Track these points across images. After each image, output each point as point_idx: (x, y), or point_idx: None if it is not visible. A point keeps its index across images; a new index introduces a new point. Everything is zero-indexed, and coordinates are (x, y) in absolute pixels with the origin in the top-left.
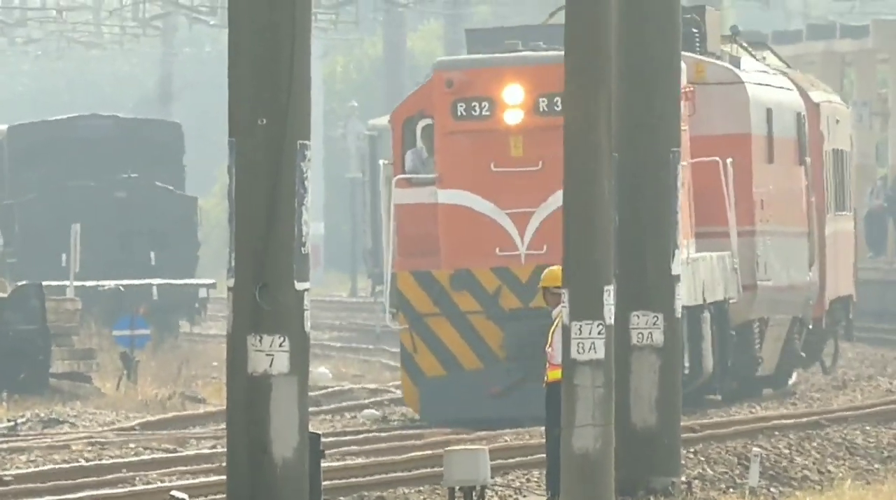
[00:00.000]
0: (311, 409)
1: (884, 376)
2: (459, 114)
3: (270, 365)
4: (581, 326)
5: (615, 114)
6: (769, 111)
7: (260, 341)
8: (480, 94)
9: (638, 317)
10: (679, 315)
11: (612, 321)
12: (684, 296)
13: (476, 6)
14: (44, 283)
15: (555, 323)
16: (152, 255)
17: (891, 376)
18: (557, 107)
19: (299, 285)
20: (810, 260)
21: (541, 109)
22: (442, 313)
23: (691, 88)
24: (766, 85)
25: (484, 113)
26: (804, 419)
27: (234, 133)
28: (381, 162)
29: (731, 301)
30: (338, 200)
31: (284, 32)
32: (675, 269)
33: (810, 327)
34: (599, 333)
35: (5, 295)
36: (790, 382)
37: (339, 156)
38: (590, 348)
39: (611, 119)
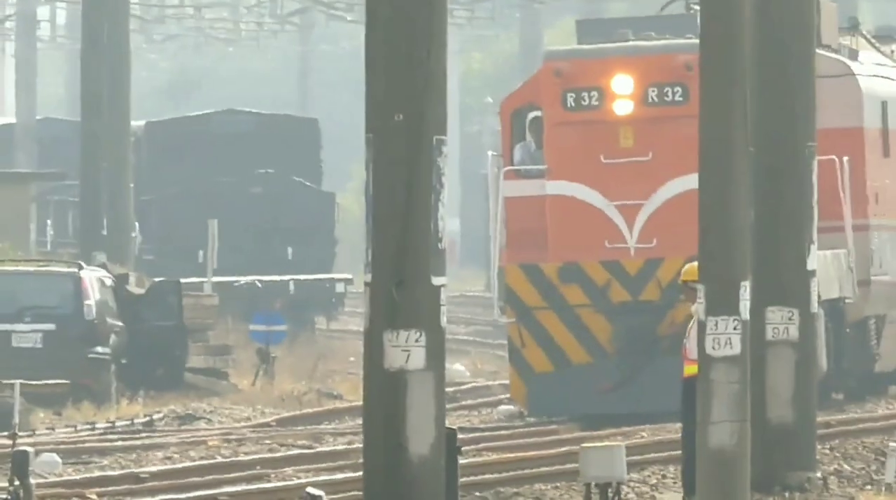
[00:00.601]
0: (447, 405)
1: None
2: (569, 104)
3: (407, 361)
4: (717, 321)
5: (751, 108)
6: (885, 104)
7: (396, 336)
8: (590, 84)
9: (773, 312)
10: (815, 310)
11: (748, 316)
12: None
13: (612, 2)
14: (181, 279)
15: (693, 319)
16: (289, 250)
17: None
18: (667, 97)
19: (436, 281)
20: None
21: (650, 100)
22: (550, 306)
23: None
24: (884, 77)
25: (593, 103)
26: None
27: (371, 129)
28: (489, 153)
29: (847, 301)
30: (474, 196)
31: (421, 28)
32: (811, 264)
33: None
34: (735, 328)
35: (143, 291)
36: None
37: (475, 152)
38: (725, 344)
39: (747, 114)
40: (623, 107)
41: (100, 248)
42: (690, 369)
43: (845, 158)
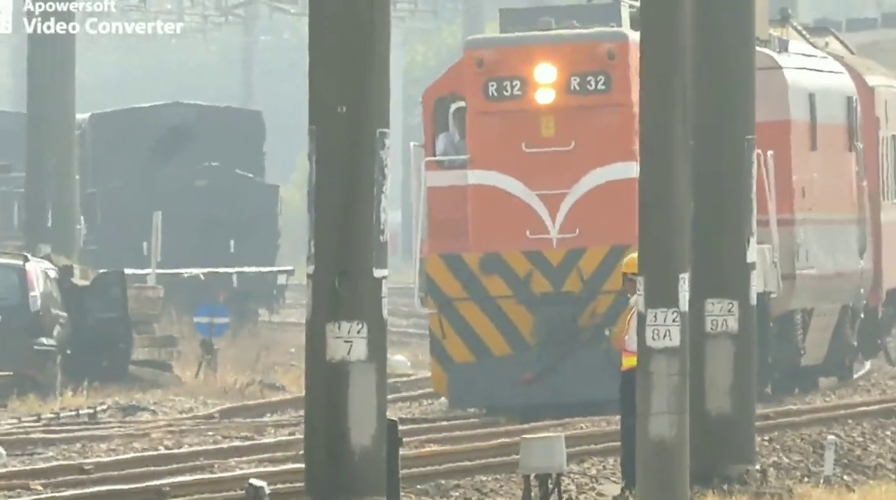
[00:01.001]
0: (389, 396)
1: None
2: (491, 94)
3: (349, 352)
4: (656, 313)
5: (690, 102)
6: (812, 96)
7: (339, 327)
8: (512, 73)
9: (713, 304)
10: (754, 303)
11: (687, 308)
12: None
13: None
14: (126, 271)
15: (631, 311)
16: (232, 243)
17: None
18: (590, 86)
19: (378, 273)
20: (861, 247)
21: (573, 88)
22: (471, 297)
23: None
24: (812, 69)
25: (515, 93)
26: (878, 407)
27: (314, 121)
28: (411, 144)
29: (771, 295)
30: None
31: (363, 20)
32: (751, 256)
33: (863, 315)
34: (674, 320)
35: (87, 283)
36: (863, 371)
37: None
38: (664, 336)
39: (686, 107)
40: (545, 96)
41: (45, 240)
42: (629, 362)
43: (770, 152)
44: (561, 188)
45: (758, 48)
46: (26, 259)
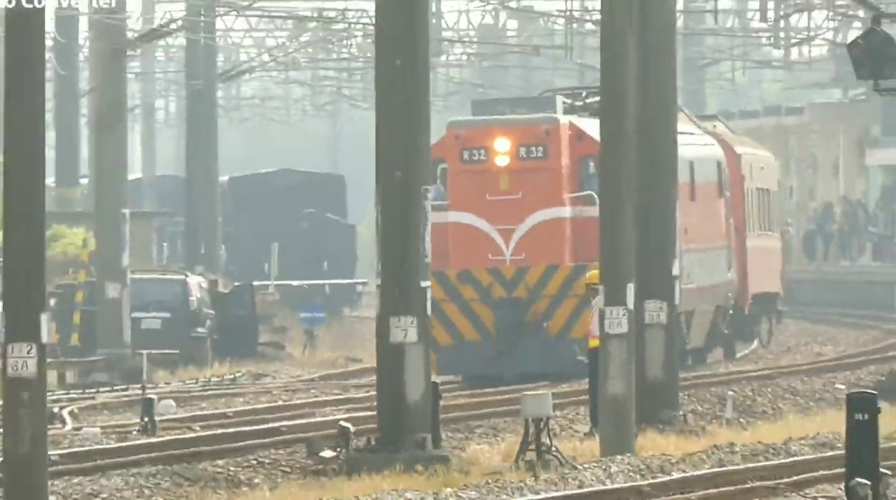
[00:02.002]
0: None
1: (815, 344)
2: (464, 158)
3: (405, 337)
4: (612, 310)
5: (634, 164)
6: (691, 163)
7: (398, 320)
8: (478, 144)
9: (650, 304)
10: (677, 303)
11: (632, 307)
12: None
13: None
14: (254, 283)
15: (594, 309)
16: (325, 263)
17: (820, 344)
18: (532, 154)
19: (423, 284)
20: (728, 265)
21: (521, 156)
22: (451, 299)
23: None
24: (691, 144)
25: (481, 158)
26: (762, 372)
27: (379, 182)
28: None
29: None
30: None
31: (413, 115)
32: (675, 271)
33: (731, 312)
34: (624, 315)
35: (227, 291)
36: (749, 350)
37: None
38: (618, 325)
39: (630, 174)
40: (502, 160)
41: (198, 263)
42: (594, 343)
43: None
44: (512, 225)
45: None
46: (186, 275)
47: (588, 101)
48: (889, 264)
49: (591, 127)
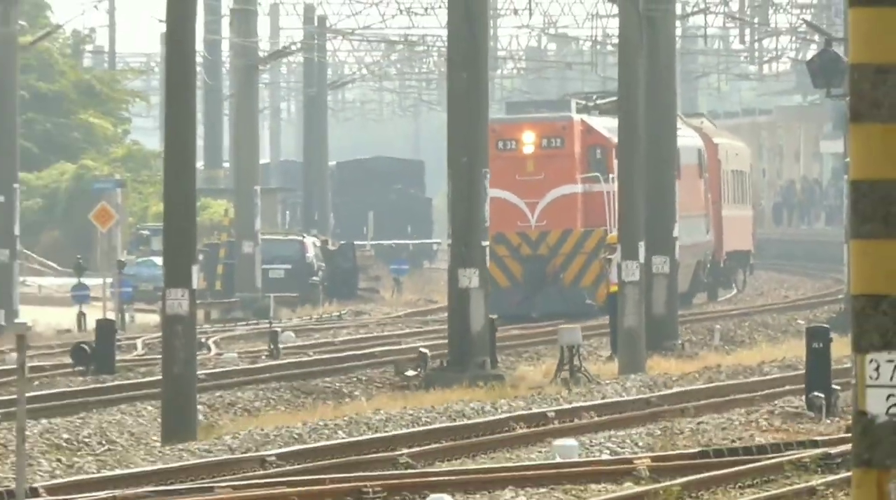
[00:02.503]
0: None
1: (782, 289)
2: (500, 147)
3: (469, 283)
4: (628, 263)
5: (644, 152)
6: (678, 151)
7: (465, 271)
8: (510, 136)
9: (656, 258)
10: (677, 257)
11: (643, 260)
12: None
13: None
14: (355, 242)
15: (613, 263)
16: (409, 228)
17: (785, 289)
18: (552, 144)
19: (483, 243)
20: (707, 229)
21: (543, 145)
22: (490, 256)
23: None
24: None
25: (512, 147)
26: (741, 311)
27: (450, 166)
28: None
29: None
30: None
31: (474, 110)
32: (675, 232)
33: (709, 266)
34: (637, 267)
35: (335, 249)
36: (729, 295)
37: None
38: (631, 274)
39: (642, 155)
40: (528, 149)
41: (313, 227)
42: (613, 289)
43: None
44: (536, 198)
45: None
46: (304, 236)
47: (597, 103)
48: (838, 228)
49: (598, 123)
